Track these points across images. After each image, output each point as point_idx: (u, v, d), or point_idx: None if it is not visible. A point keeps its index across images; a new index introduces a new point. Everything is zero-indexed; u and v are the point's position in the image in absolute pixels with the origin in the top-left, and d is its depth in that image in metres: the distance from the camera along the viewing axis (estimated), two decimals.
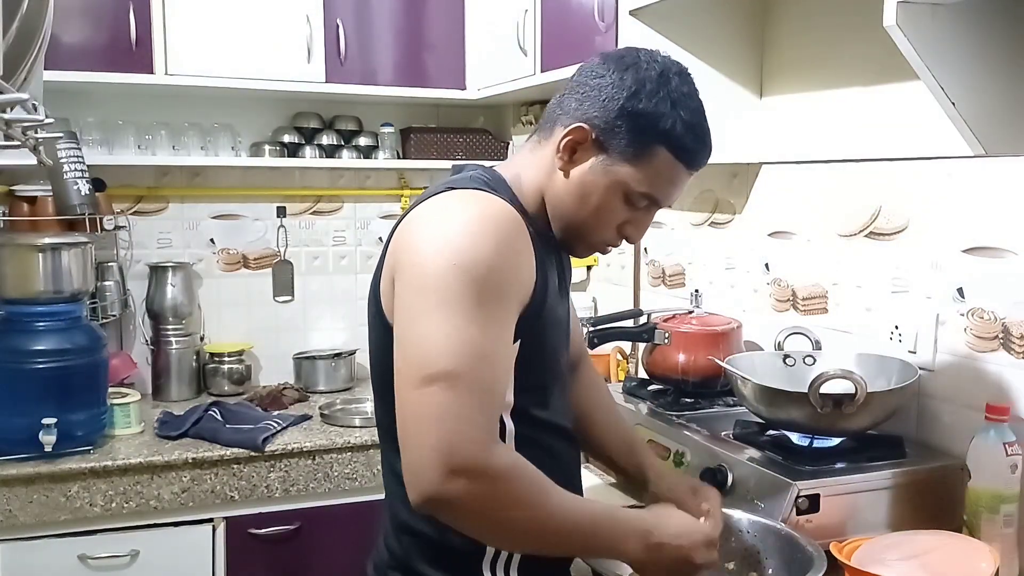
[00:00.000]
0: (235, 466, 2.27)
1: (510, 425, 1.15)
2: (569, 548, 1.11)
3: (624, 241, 1.22)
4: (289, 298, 2.99)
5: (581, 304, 2.76)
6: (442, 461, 0.97)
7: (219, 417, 2.44)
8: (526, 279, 1.10)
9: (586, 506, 1.11)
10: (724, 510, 1.31)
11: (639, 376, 2.17)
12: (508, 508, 1.02)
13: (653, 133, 1.12)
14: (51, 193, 2.43)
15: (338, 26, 2.64)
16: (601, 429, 1.46)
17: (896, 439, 1.53)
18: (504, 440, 1.13)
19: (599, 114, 1.13)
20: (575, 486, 1.27)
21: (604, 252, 1.26)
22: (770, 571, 1.31)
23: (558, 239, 1.22)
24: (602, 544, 1.09)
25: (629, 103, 1.12)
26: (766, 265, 2.01)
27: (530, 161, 1.21)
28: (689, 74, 1.17)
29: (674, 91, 1.13)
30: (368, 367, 1.25)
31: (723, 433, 1.64)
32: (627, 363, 2.44)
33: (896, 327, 1.65)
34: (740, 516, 1.36)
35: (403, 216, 1.15)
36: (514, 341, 1.10)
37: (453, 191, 1.13)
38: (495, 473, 1.00)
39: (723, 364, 1.62)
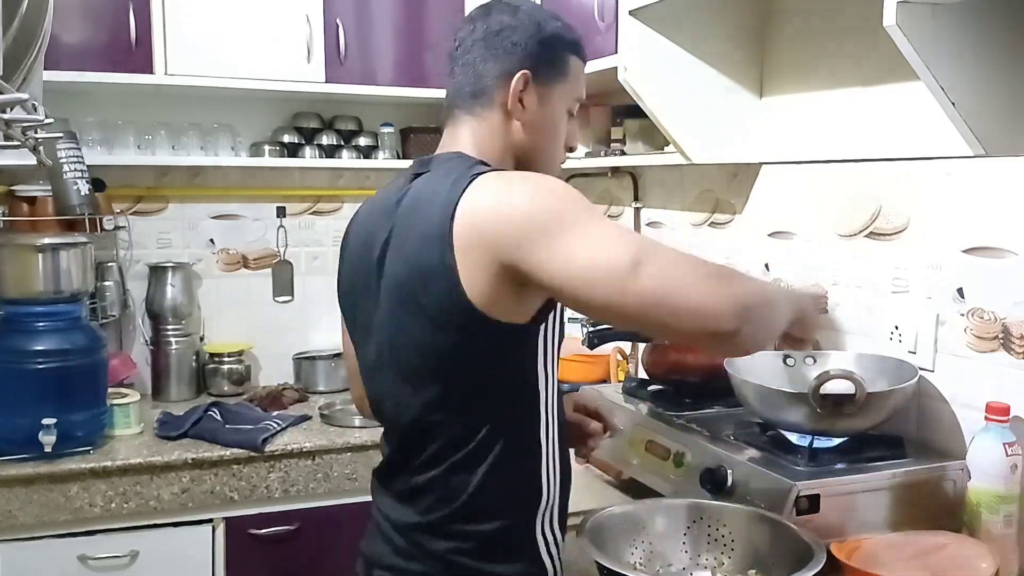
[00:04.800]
0: (235, 466, 2.27)
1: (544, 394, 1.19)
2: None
3: (569, 153, 1.32)
4: (289, 298, 2.99)
5: None
6: (725, 297, 1.04)
7: (219, 417, 2.44)
8: None
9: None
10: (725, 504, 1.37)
11: (639, 376, 2.17)
12: (761, 305, 1.11)
13: (563, 47, 1.25)
14: (51, 193, 2.42)
15: (338, 26, 2.64)
16: None
17: (896, 439, 1.53)
18: (539, 413, 1.19)
19: (524, 55, 1.22)
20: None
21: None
22: (768, 564, 1.31)
23: None
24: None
25: (540, 34, 1.23)
26: (766, 265, 2.01)
27: (480, 135, 1.23)
28: None
29: (544, 8, 1.30)
30: None
31: (723, 433, 1.64)
32: (627, 363, 2.44)
33: (896, 327, 1.65)
34: (738, 509, 1.36)
35: (402, 213, 1.20)
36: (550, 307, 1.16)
37: (491, 172, 1.14)
38: (743, 288, 1.09)
39: (723, 364, 1.62)
